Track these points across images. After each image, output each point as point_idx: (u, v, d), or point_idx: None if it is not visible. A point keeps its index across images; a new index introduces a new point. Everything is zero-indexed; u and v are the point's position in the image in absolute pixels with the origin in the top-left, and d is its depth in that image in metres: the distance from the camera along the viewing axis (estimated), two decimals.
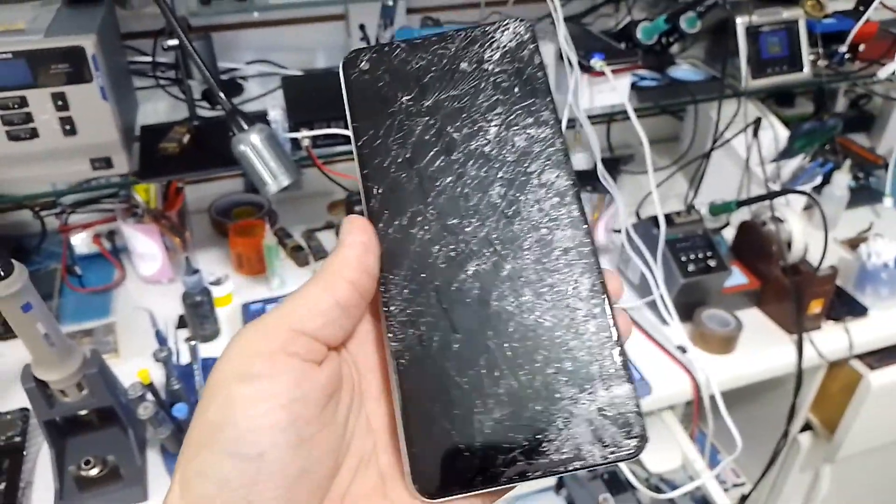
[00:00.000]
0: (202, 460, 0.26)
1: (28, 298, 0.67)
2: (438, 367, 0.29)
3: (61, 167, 0.86)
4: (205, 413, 0.26)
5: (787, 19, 1.15)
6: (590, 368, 0.28)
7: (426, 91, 0.31)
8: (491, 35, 0.32)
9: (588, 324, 0.29)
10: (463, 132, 0.31)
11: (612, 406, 0.28)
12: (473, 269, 0.29)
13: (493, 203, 0.30)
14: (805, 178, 1.22)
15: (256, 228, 1.18)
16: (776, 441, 1.18)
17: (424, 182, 0.31)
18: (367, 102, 0.32)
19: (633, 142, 1.49)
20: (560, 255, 0.29)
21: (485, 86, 0.31)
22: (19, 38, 0.78)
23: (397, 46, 0.32)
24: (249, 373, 0.26)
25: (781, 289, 1.08)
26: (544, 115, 0.31)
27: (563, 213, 0.30)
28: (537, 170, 0.30)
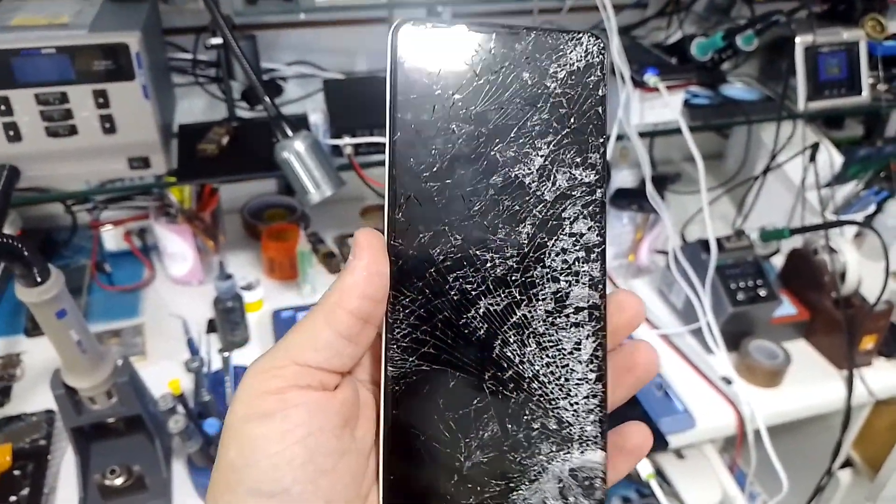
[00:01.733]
0: (227, 500, 0.26)
1: (63, 305, 0.65)
2: (430, 401, 0.29)
3: (98, 165, 0.84)
4: (226, 455, 0.27)
5: (847, 41, 1.10)
6: (572, 430, 0.29)
7: (478, 93, 0.28)
8: (561, 46, 0.29)
9: (581, 387, 0.29)
10: (507, 154, 0.29)
11: (583, 469, 0.29)
12: (485, 307, 0.29)
13: (520, 242, 0.29)
14: (859, 206, 1.18)
15: (289, 233, 1.15)
16: (814, 476, 1.13)
17: (456, 200, 0.28)
18: (413, 89, 0.28)
19: (676, 158, 1.45)
20: (572, 313, 0.29)
21: (542, 106, 0.29)
22: (63, 32, 0.76)
23: (460, 29, 0.28)
24: (262, 412, 0.27)
25: (832, 322, 1.03)
26: (593, 158, 0.29)
27: (585, 269, 0.29)
28: (571, 217, 0.29)
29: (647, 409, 0.92)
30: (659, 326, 1.08)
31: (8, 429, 0.86)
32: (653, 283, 1.17)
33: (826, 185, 1.17)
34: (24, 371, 0.96)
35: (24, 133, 0.77)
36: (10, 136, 0.77)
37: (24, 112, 0.76)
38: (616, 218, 1.14)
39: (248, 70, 0.79)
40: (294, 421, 0.27)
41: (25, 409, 0.90)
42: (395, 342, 0.29)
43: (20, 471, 0.81)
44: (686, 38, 1.11)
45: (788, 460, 0.97)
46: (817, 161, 1.14)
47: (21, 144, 0.78)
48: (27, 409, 0.89)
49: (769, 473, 0.98)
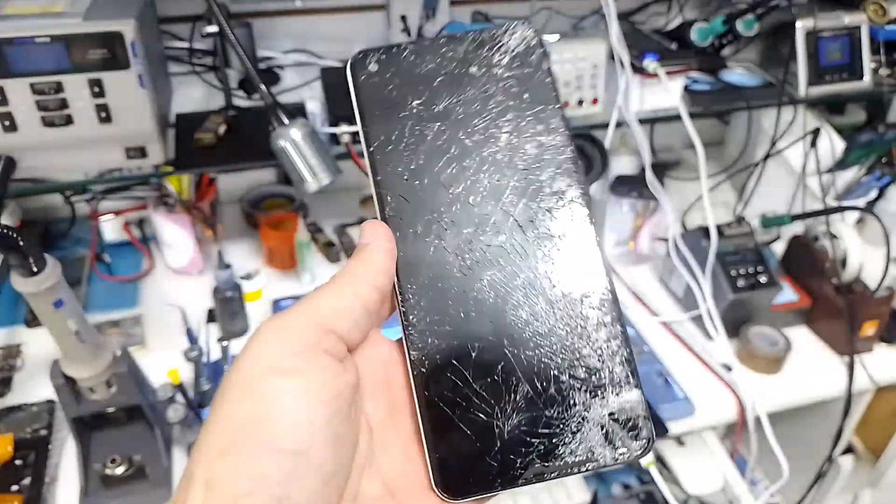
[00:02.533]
0: (234, 458, 0.25)
1: (60, 295, 0.65)
2: (457, 375, 0.29)
3: (95, 155, 0.84)
4: (235, 410, 0.25)
5: (849, 25, 1.09)
6: (601, 375, 0.29)
7: (436, 95, 0.31)
8: (499, 39, 0.32)
9: (599, 331, 0.30)
10: (474, 138, 0.31)
11: (622, 411, 0.29)
12: (488, 278, 0.30)
13: (506, 211, 0.30)
14: (860, 191, 1.17)
15: (288, 222, 1.15)
16: (816, 463, 1.13)
17: (438, 190, 0.31)
18: (378, 106, 0.32)
19: (676, 145, 1.44)
20: (571, 265, 0.30)
21: (494, 91, 0.31)
22: (57, 20, 0.75)
23: (405, 48, 0.32)
24: (286, 368, 0.26)
25: (833, 308, 1.03)
26: (554, 123, 0.31)
27: (574, 222, 0.30)
28: (548, 178, 0.31)
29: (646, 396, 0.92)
30: (659, 314, 1.07)
31: (9, 419, 0.86)
32: (653, 271, 1.16)
33: (827, 170, 1.17)
34: (25, 362, 0.96)
35: (20, 123, 0.77)
36: (5, 127, 0.77)
37: (20, 102, 0.76)
38: (616, 205, 1.13)
39: (244, 58, 0.78)
40: (319, 381, 0.26)
41: (26, 399, 0.90)
42: (412, 326, 0.30)
43: (21, 460, 0.81)
44: (686, 24, 1.10)
45: (789, 447, 0.97)
46: (818, 147, 1.14)
47: (17, 135, 0.78)
48: (28, 400, 0.90)
49: (770, 460, 0.98)
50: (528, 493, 1.05)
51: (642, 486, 1.02)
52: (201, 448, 0.26)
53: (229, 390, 0.26)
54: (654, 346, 1.01)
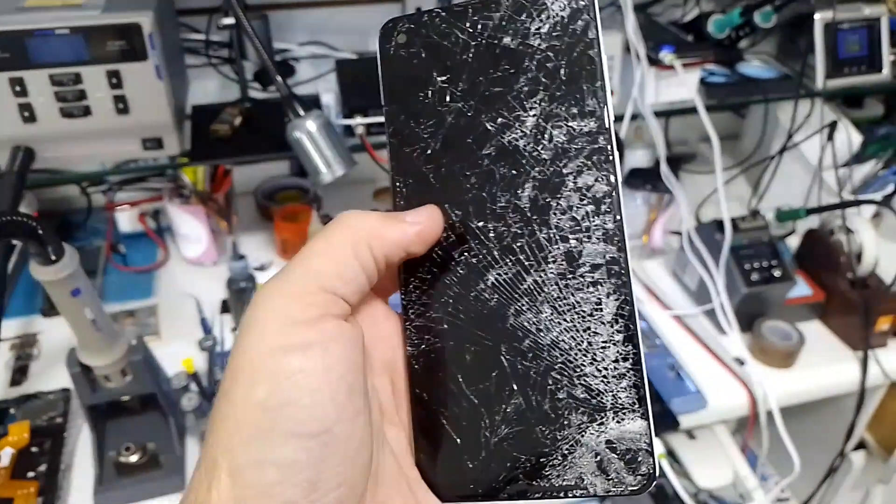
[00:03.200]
0: (259, 446, 0.23)
1: (77, 283, 0.66)
2: (450, 377, 0.28)
3: (112, 146, 0.84)
4: (250, 393, 0.24)
5: (868, 16, 1.08)
6: (603, 398, 0.27)
7: (463, 70, 0.28)
8: (542, 3, 0.27)
9: (607, 350, 0.27)
10: (498, 122, 0.28)
11: (622, 440, 0.26)
12: (494, 278, 0.28)
13: (522, 207, 0.28)
14: (877, 185, 1.16)
15: (302, 214, 1.15)
16: (826, 459, 1.13)
17: (452, 179, 0.28)
18: (402, 83, 0.29)
19: (691, 138, 1.44)
20: (588, 272, 0.27)
21: (528, 65, 0.27)
22: (77, 13, 0.76)
23: (437, 14, 0.29)
24: (299, 342, 0.24)
25: (848, 303, 1.02)
26: (590, 105, 0.27)
27: (598, 223, 0.27)
28: (574, 171, 0.27)
29: (658, 390, 0.92)
30: (672, 307, 1.07)
31: (25, 407, 0.88)
32: (666, 264, 1.16)
33: (844, 164, 1.16)
34: (41, 350, 0.97)
35: (39, 114, 0.78)
36: (25, 118, 0.78)
37: (39, 93, 0.77)
38: (630, 198, 1.13)
39: (261, 50, 0.78)
40: (335, 354, 0.25)
41: (42, 387, 0.91)
42: (410, 322, 0.29)
43: (38, 448, 0.82)
44: (703, 15, 1.09)
45: (801, 442, 0.96)
46: (835, 140, 1.13)
47: (36, 125, 0.78)
48: (44, 388, 0.91)
49: (781, 455, 0.97)
50: None
51: None
52: (219, 434, 0.24)
53: (241, 371, 0.25)
54: (666, 339, 1.01)
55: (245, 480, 0.23)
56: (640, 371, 0.26)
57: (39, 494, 0.77)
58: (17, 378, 0.92)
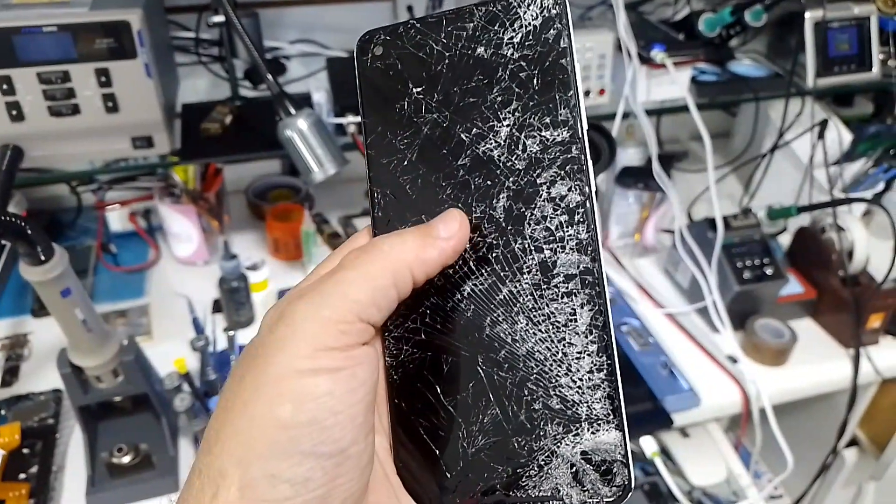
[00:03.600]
0: (276, 463, 0.24)
1: (67, 284, 0.65)
2: (427, 388, 0.28)
3: (102, 145, 0.84)
4: (273, 411, 0.24)
5: (858, 15, 1.09)
6: (578, 409, 0.26)
7: (438, 81, 0.29)
8: (514, 10, 0.27)
9: (582, 361, 0.27)
10: (472, 132, 0.28)
11: (597, 451, 0.26)
12: (470, 289, 0.28)
13: (497, 217, 0.28)
14: (867, 183, 1.17)
15: (294, 213, 1.15)
16: (819, 456, 1.13)
17: (428, 190, 0.28)
18: (378, 95, 0.29)
19: (683, 137, 1.44)
20: (562, 283, 0.27)
21: (501, 75, 0.28)
22: (64, 10, 0.75)
23: (412, 26, 0.29)
24: (329, 366, 0.25)
25: (839, 300, 1.03)
26: (563, 115, 0.27)
27: (571, 233, 0.27)
28: (547, 181, 0.27)
29: (651, 388, 0.92)
30: (664, 305, 1.07)
31: (16, 408, 0.87)
32: (658, 263, 1.16)
33: (834, 162, 1.16)
34: (32, 351, 0.96)
35: (27, 112, 0.77)
36: (12, 116, 0.77)
37: (27, 91, 0.76)
38: (622, 197, 1.13)
39: (251, 48, 0.78)
40: (360, 378, 0.25)
41: (33, 388, 0.90)
42: (388, 332, 0.29)
43: (29, 449, 0.81)
44: (694, 14, 1.10)
45: (794, 439, 0.97)
46: (826, 139, 1.13)
47: (24, 124, 0.78)
48: (35, 389, 0.90)
49: (774, 452, 0.98)
50: None
51: (647, 477, 1.02)
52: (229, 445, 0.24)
53: (265, 387, 0.24)
54: (659, 337, 1.01)
55: (256, 494, 0.24)
56: (614, 382, 0.26)
57: (31, 496, 0.76)
58: (7, 379, 0.92)
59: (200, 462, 0.25)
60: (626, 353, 0.97)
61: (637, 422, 0.90)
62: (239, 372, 0.26)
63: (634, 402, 0.90)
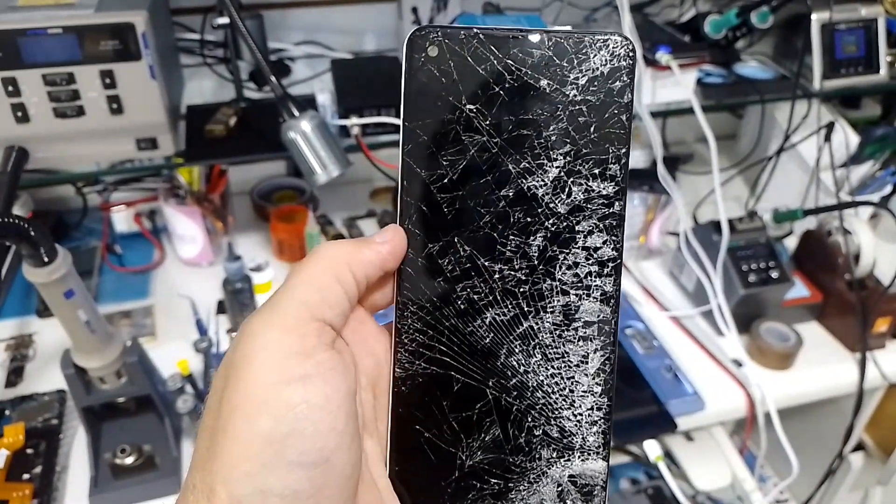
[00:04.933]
0: (264, 478, 0.24)
1: (71, 285, 0.65)
2: (435, 403, 0.29)
3: (107, 146, 0.84)
4: (252, 425, 0.24)
5: (865, 17, 1.08)
6: (573, 439, 0.29)
7: (494, 102, 0.28)
8: (585, 49, 0.27)
9: (585, 399, 0.29)
10: (521, 165, 0.28)
11: (583, 476, 0.29)
12: (491, 317, 0.29)
13: (530, 255, 0.29)
14: (874, 186, 1.16)
15: (299, 214, 1.15)
16: (825, 460, 1.13)
17: (466, 212, 0.29)
18: (426, 101, 0.28)
19: (688, 139, 1.43)
20: (581, 327, 0.29)
21: (560, 115, 0.28)
22: (70, 12, 0.76)
23: (475, 35, 0.28)
24: (299, 374, 0.25)
25: (845, 304, 1.02)
26: (612, 170, 0.28)
27: (598, 284, 0.29)
28: (586, 230, 0.28)
29: (656, 391, 0.91)
30: (669, 308, 1.07)
31: (21, 408, 0.87)
32: (663, 265, 1.16)
33: (841, 165, 1.15)
34: (37, 351, 0.97)
35: (33, 114, 0.77)
36: (18, 118, 0.77)
37: (32, 93, 0.76)
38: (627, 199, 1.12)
39: (255, 50, 0.78)
40: (333, 384, 0.26)
41: (38, 388, 0.90)
42: (402, 346, 0.29)
43: (33, 449, 0.82)
44: (699, 16, 1.09)
45: (799, 443, 0.96)
46: (832, 141, 1.12)
47: (29, 126, 0.78)
48: (39, 389, 0.90)
49: (779, 456, 0.97)
50: None
51: (650, 481, 1.02)
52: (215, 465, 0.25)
53: (241, 405, 0.25)
54: (664, 340, 1.00)
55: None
56: (609, 420, 0.29)
57: (34, 496, 0.77)
58: (12, 379, 0.92)
59: (193, 478, 0.25)
60: (631, 356, 0.97)
61: (641, 425, 0.89)
62: (216, 391, 0.26)
63: (638, 405, 0.90)
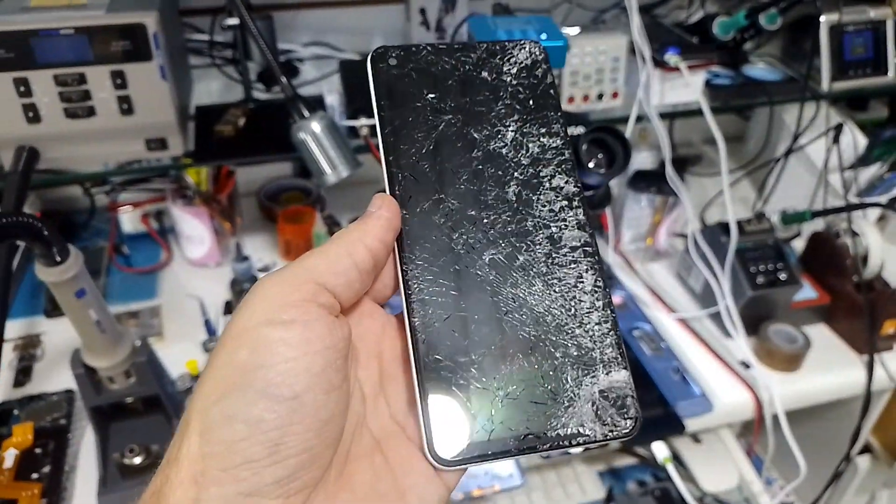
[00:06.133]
0: (231, 403, 0.26)
1: (82, 285, 0.65)
2: (456, 347, 0.31)
3: (116, 147, 0.84)
4: (232, 357, 0.26)
5: (874, 19, 1.08)
6: (592, 354, 0.31)
7: (449, 91, 0.34)
8: (509, 51, 0.36)
9: (591, 314, 0.32)
10: (482, 133, 0.34)
11: (612, 389, 0.31)
12: (489, 257, 0.32)
13: (509, 199, 0.33)
14: (882, 188, 1.16)
15: (306, 215, 1.15)
16: (832, 463, 1.12)
17: (446, 173, 0.33)
18: (394, 94, 0.34)
19: (696, 141, 1.43)
20: (567, 253, 0.33)
21: (503, 94, 0.35)
22: (81, 13, 0.76)
23: (424, 49, 0.35)
24: (283, 319, 0.27)
25: (853, 306, 1.02)
26: (555, 128, 0.35)
27: (571, 215, 0.33)
28: (548, 175, 0.34)
29: (663, 393, 0.91)
30: (677, 310, 1.07)
31: (29, 408, 0.87)
32: (671, 267, 1.16)
33: (849, 167, 1.15)
34: (45, 351, 0.97)
35: (44, 114, 0.78)
36: (29, 118, 0.77)
37: (44, 93, 0.76)
38: (634, 200, 1.13)
39: (266, 50, 0.78)
40: (316, 332, 0.27)
41: (46, 388, 0.91)
42: (413, 296, 0.31)
43: (41, 449, 0.82)
44: (708, 17, 1.09)
45: (806, 445, 0.96)
46: (841, 143, 1.12)
47: (40, 126, 0.78)
48: (47, 389, 0.90)
49: (787, 458, 0.97)
50: (542, 489, 1.05)
51: (658, 483, 1.02)
52: (197, 398, 0.27)
53: (227, 341, 0.27)
54: (671, 342, 1.00)
55: (213, 437, 0.25)
56: (618, 330, 0.32)
57: (43, 496, 0.77)
58: (20, 379, 0.92)
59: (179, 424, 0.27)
60: (638, 357, 0.97)
61: (649, 427, 0.89)
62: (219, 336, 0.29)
63: (646, 407, 0.90)
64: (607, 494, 1.03)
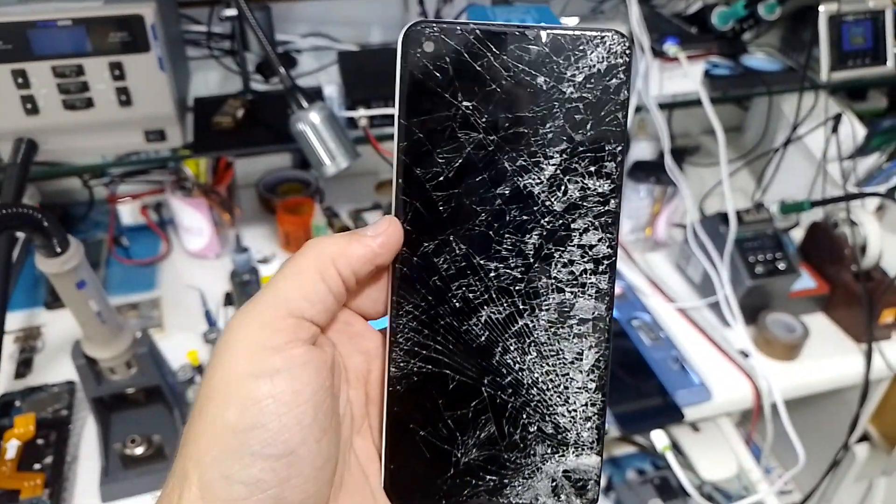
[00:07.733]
0: (228, 465, 0.25)
1: (83, 276, 0.65)
2: (430, 401, 0.29)
3: (115, 138, 0.84)
4: (222, 416, 0.26)
5: (872, 9, 1.08)
6: (567, 435, 0.30)
7: (491, 100, 0.28)
8: (581, 47, 0.27)
9: (580, 395, 0.30)
10: (517, 163, 0.28)
11: (577, 471, 0.30)
12: (486, 315, 0.29)
13: (526, 252, 0.29)
14: (881, 178, 1.16)
15: (305, 207, 1.15)
16: (830, 451, 1.13)
17: (462, 211, 0.28)
18: (423, 99, 0.28)
19: (695, 131, 1.43)
20: (575, 325, 0.29)
21: (556, 112, 0.28)
22: (79, 3, 0.76)
23: (472, 31, 0.27)
24: (267, 369, 0.26)
25: (852, 295, 1.02)
26: (608, 167, 0.28)
27: (592, 281, 0.29)
28: (581, 228, 0.29)
29: (663, 382, 0.92)
30: (676, 300, 1.07)
31: (30, 399, 0.88)
32: (670, 257, 1.16)
33: (848, 157, 1.15)
34: (45, 343, 0.97)
35: (42, 106, 0.78)
36: (27, 110, 0.77)
37: (41, 85, 0.76)
38: (633, 191, 1.13)
39: (264, 41, 0.78)
40: (303, 380, 0.26)
41: (47, 380, 0.91)
42: (397, 345, 0.29)
43: (43, 440, 0.82)
44: (707, 7, 1.09)
45: (805, 434, 0.96)
46: (839, 133, 1.12)
47: (38, 117, 0.78)
48: (48, 380, 0.90)
49: (785, 447, 0.98)
50: None
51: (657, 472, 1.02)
52: (191, 448, 0.26)
53: (212, 394, 0.26)
54: (670, 332, 1.01)
55: (214, 494, 0.25)
56: (603, 416, 0.30)
57: (45, 486, 0.77)
58: (21, 370, 0.92)
59: (175, 464, 0.27)
60: (637, 347, 0.97)
61: (648, 416, 0.90)
62: (203, 379, 0.28)
63: (645, 396, 0.90)
64: (607, 483, 1.04)
